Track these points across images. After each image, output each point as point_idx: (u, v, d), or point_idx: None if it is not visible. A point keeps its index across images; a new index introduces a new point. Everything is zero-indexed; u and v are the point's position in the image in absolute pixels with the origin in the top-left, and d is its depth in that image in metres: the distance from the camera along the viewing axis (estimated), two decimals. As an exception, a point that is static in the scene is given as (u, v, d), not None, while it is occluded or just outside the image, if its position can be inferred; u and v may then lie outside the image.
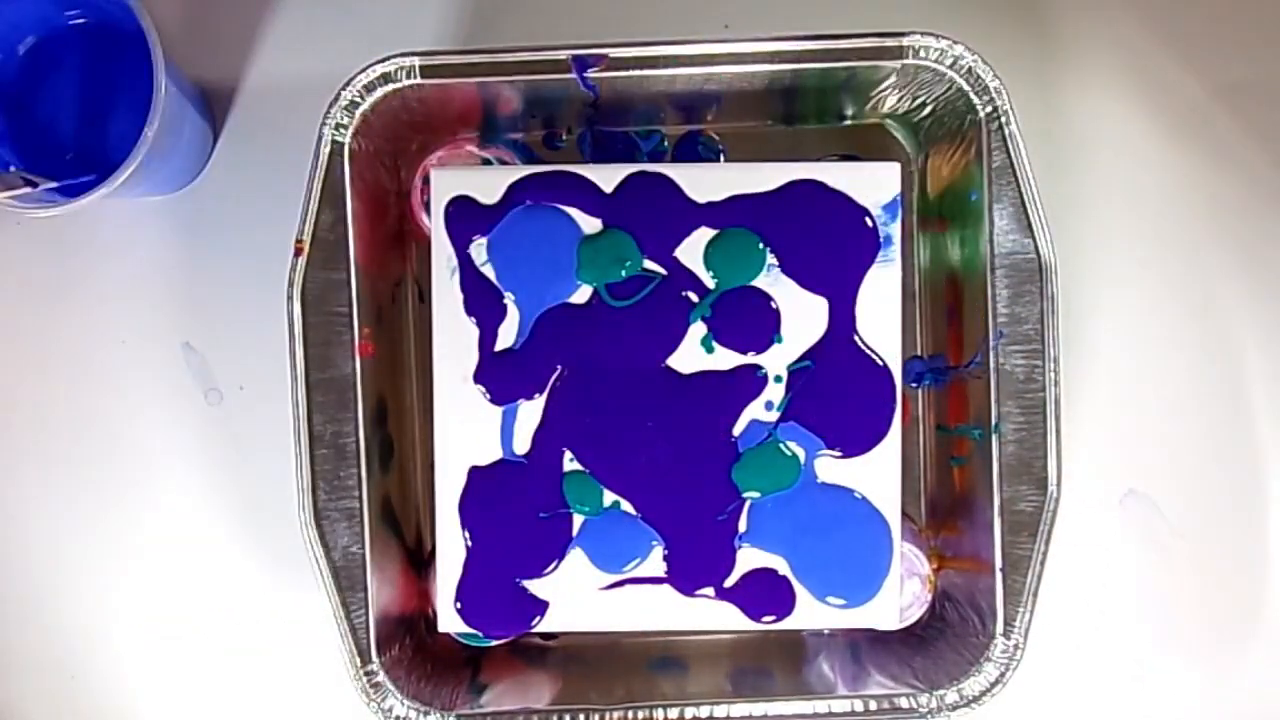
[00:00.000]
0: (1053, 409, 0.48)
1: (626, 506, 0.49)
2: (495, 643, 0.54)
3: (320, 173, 0.48)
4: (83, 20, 0.52)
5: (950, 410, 0.53)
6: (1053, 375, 0.48)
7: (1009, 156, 0.48)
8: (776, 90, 0.51)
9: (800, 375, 0.49)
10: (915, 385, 0.55)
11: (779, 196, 0.49)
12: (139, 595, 0.57)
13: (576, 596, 0.50)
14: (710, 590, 0.49)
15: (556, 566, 0.49)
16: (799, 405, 0.49)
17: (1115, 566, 0.57)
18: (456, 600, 0.50)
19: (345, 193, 0.48)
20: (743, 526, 0.49)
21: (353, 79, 0.48)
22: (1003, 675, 0.49)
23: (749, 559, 0.49)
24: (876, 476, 0.49)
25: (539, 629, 0.50)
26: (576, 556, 0.49)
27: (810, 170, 0.49)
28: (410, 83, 0.48)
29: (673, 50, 0.48)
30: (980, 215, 0.49)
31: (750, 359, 0.49)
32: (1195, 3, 0.56)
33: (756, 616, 0.49)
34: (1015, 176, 0.48)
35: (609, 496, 0.49)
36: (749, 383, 0.49)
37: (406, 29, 0.56)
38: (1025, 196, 0.48)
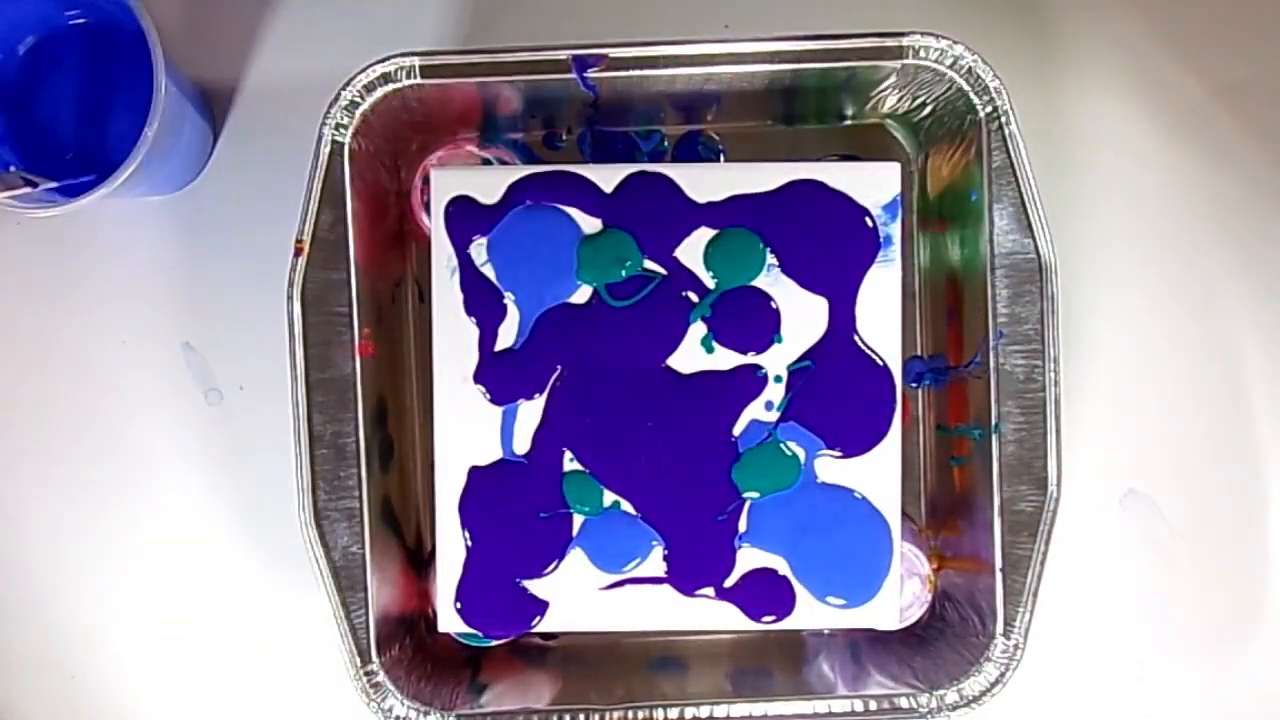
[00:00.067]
0: (1053, 409, 0.48)
1: (626, 506, 0.49)
2: (495, 643, 0.54)
3: (320, 173, 0.48)
4: (83, 20, 0.52)
5: (950, 410, 0.53)
6: (1053, 375, 0.48)
7: (1009, 156, 0.48)
8: (776, 90, 0.51)
9: (800, 375, 0.49)
10: (915, 385, 0.55)
11: (779, 196, 0.49)
12: (139, 595, 0.57)
13: (576, 596, 0.50)
14: (710, 590, 0.49)
15: (556, 566, 0.49)
16: (799, 405, 0.49)
17: (1115, 566, 0.57)
18: (456, 600, 0.50)
19: (345, 193, 0.48)
20: (743, 526, 0.49)
21: (353, 79, 0.48)
22: (1003, 675, 0.49)
23: (749, 559, 0.49)
24: (876, 476, 0.49)
25: (539, 629, 0.50)
26: (576, 556, 0.49)
27: (810, 170, 0.49)
28: (410, 83, 0.48)
29: (673, 50, 0.48)
30: (980, 215, 0.48)
31: (750, 359, 0.49)
32: (1195, 3, 0.56)
33: (756, 616, 0.49)
34: (1015, 176, 0.48)
35: (609, 496, 0.49)
36: (749, 383, 0.49)
37: (406, 29, 0.56)
38: (1025, 196, 0.48)
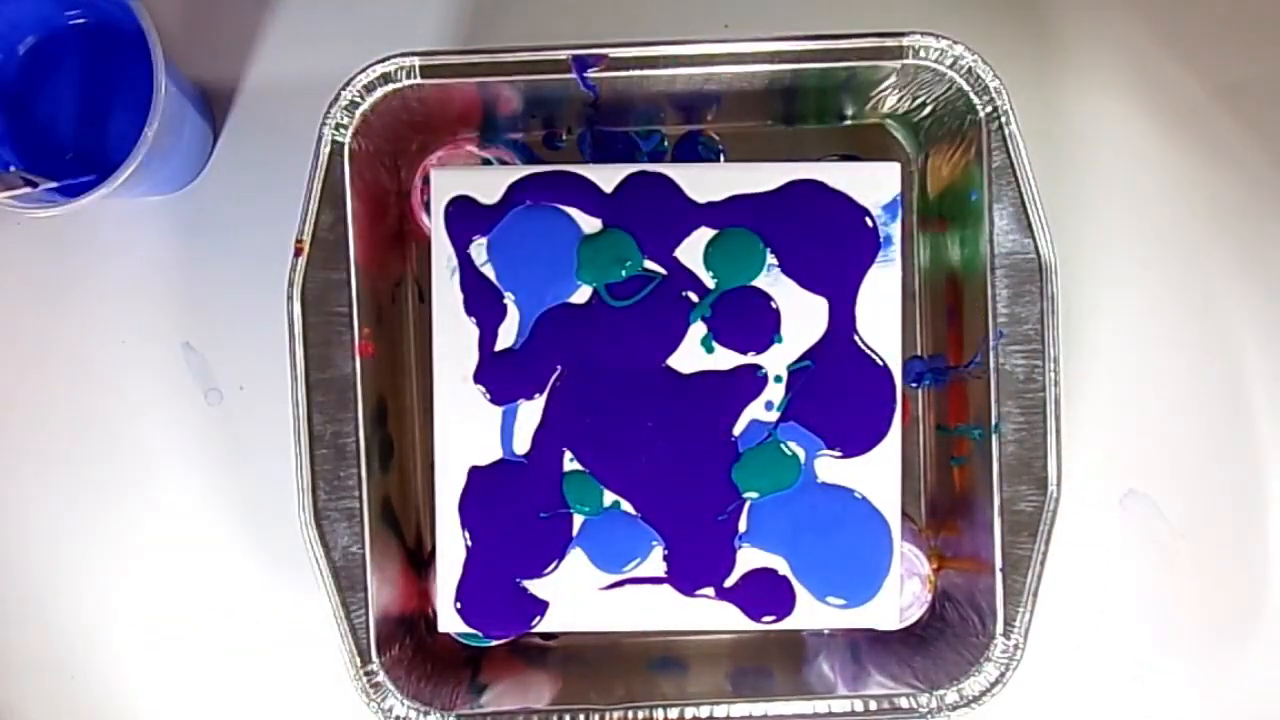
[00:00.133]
0: (1053, 409, 0.48)
1: (626, 506, 0.49)
2: (495, 643, 0.54)
3: (320, 173, 0.48)
4: (83, 20, 0.52)
5: (950, 410, 0.53)
6: (1053, 375, 0.48)
7: (1009, 156, 0.48)
8: (776, 90, 0.51)
9: (800, 375, 0.49)
10: (915, 385, 0.55)
11: (779, 196, 0.49)
12: (139, 595, 0.57)
13: (576, 596, 0.50)
14: (710, 590, 0.49)
15: (556, 566, 0.49)
16: (799, 405, 0.49)
17: (1115, 566, 0.57)
18: (456, 600, 0.50)
19: (345, 193, 0.48)
20: (743, 526, 0.49)
21: (353, 79, 0.48)
22: (1003, 675, 0.49)
23: (749, 559, 0.49)
24: (876, 476, 0.49)
25: (539, 629, 0.50)
26: (576, 556, 0.49)
27: (810, 170, 0.49)
28: (410, 83, 0.48)
29: (673, 50, 0.48)
30: (980, 215, 0.48)
31: (750, 359, 0.49)
32: (1195, 3, 0.56)
33: (756, 616, 0.49)
34: (1015, 176, 0.48)
35: (609, 496, 0.49)
36: (749, 383, 0.49)
37: (406, 29, 0.56)
38: (1025, 196, 0.48)
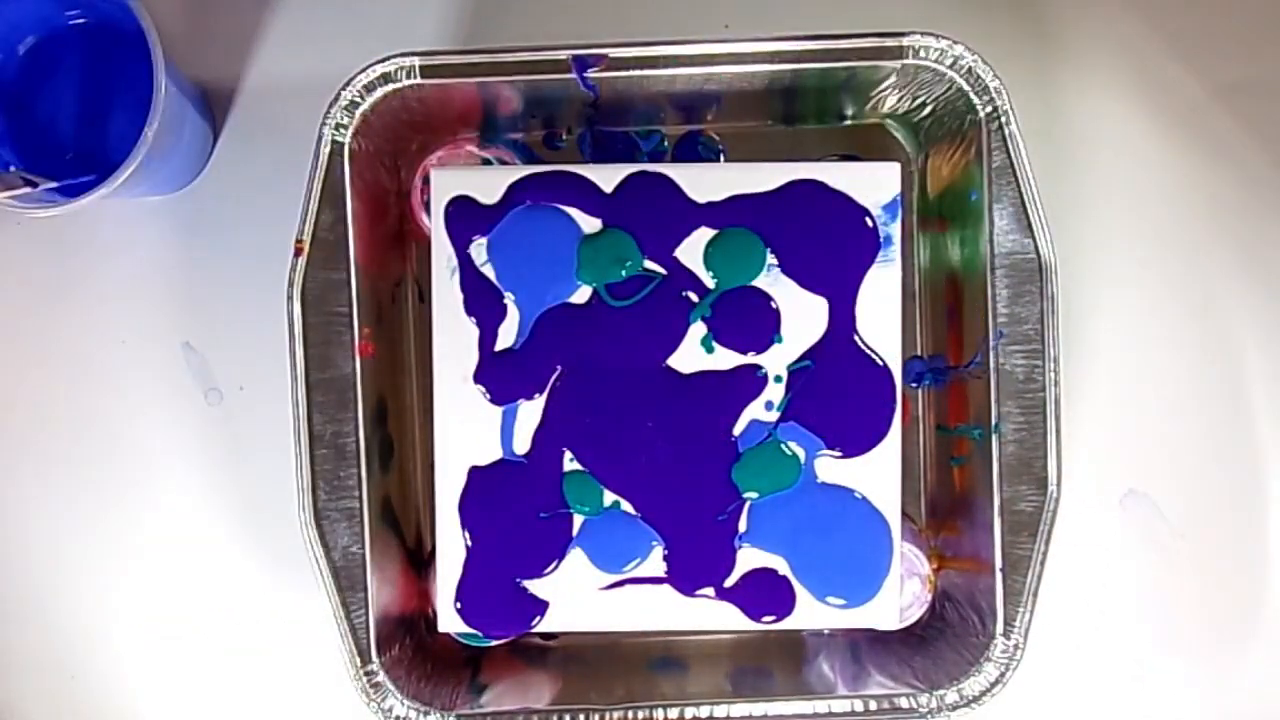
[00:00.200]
0: (1053, 409, 0.48)
1: (626, 506, 0.49)
2: (495, 643, 0.54)
3: (320, 173, 0.48)
4: (83, 20, 0.52)
5: (950, 410, 0.53)
6: (1053, 375, 0.48)
7: (1009, 156, 0.48)
8: (776, 90, 0.51)
9: (800, 375, 0.49)
10: (915, 385, 0.55)
11: (779, 196, 0.49)
12: (139, 595, 0.57)
13: (576, 596, 0.50)
14: (710, 590, 0.49)
15: (556, 566, 0.49)
16: (799, 405, 0.49)
17: (1115, 566, 0.57)
18: (456, 600, 0.50)
19: (345, 193, 0.48)
20: (743, 526, 0.49)
21: (353, 79, 0.48)
22: (1003, 675, 0.49)
23: (749, 559, 0.49)
24: (876, 476, 0.49)
25: (539, 629, 0.50)
26: (576, 556, 0.49)
27: (810, 170, 0.49)
28: (410, 83, 0.48)
29: (673, 50, 0.48)
30: (980, 215, 0.48)
31: (750, 359, 0.49)
32: (1195, 3, 0.56)
33: (756, 616, 0.49)
34: (1015, 176, 0.48)
35: (609, 496, 0.49)
36: (749, 383, 0.49)
37: (406, 29, 0.56)
38: (1025, 196, 0.48)
